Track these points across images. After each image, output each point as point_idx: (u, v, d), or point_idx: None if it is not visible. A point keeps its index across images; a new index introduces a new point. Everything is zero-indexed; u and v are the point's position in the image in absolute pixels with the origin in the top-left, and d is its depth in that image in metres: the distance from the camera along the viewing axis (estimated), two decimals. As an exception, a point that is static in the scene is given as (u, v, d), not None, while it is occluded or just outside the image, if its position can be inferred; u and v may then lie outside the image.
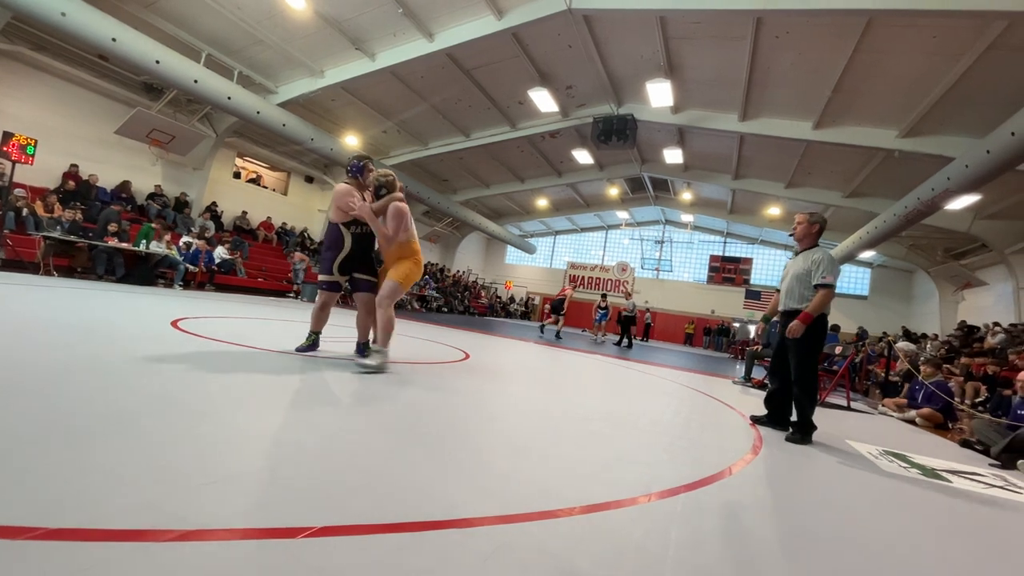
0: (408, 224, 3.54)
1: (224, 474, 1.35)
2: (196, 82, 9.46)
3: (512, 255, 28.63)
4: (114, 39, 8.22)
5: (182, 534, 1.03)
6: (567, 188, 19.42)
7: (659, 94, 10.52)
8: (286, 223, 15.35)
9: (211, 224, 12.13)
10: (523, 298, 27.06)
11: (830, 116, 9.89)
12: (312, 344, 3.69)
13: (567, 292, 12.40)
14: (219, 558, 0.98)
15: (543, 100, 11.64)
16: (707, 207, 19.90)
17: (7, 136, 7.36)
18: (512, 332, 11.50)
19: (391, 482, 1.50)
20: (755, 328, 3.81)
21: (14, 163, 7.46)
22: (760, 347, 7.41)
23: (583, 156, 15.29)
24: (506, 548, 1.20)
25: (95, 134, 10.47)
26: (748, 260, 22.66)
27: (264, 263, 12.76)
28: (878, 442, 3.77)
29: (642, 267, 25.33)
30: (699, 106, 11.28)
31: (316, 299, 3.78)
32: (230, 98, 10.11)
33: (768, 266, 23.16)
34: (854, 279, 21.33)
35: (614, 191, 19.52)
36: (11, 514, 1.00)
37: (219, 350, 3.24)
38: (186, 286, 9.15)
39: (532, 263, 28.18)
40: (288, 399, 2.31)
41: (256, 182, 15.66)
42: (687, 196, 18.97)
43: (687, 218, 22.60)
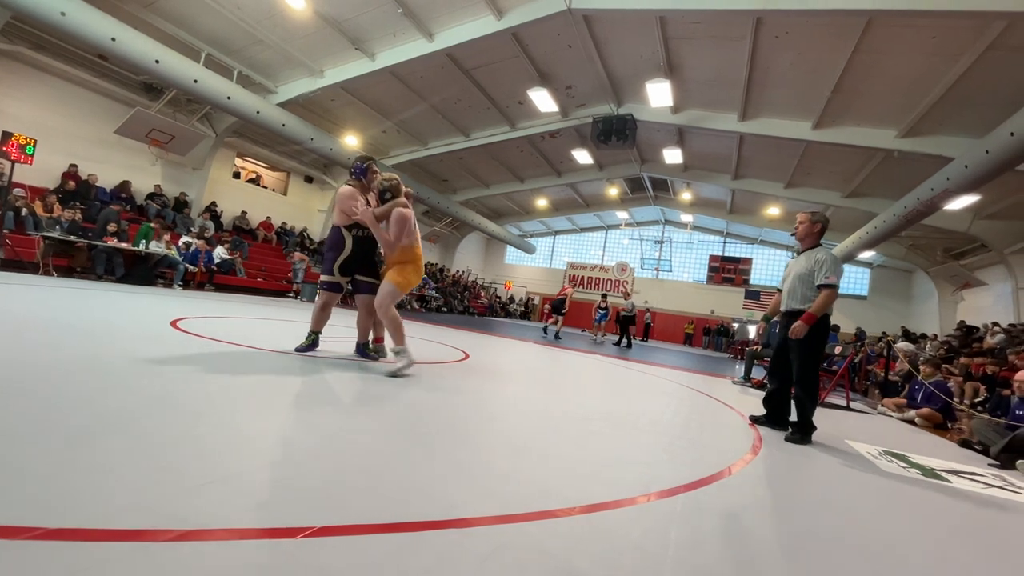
0: (411, 229, 3.50)
1: (223, 474, 1.35)
2: (196, 82, 9.47)
3: (512, 255, 28.63)
4: (113, 39, 8.22)
5: (181, 534, 1.03)
6: (567, 188, 19.43)
7: (659, 94, 10.53)
8: (286, 223, 15.35)
9: (210, 224, 12.12)
10: (522, 298, 27.07)
11: (829, 116, 9.90)
12: (312, 344, 3.66)
13: (567, 291, 12.39)
14: (218, 558, 0.98)
15: (543, 100, 11.65)
16: (707, 207, 19.91)
17: (6, 136, 7.35)
18: (512, 332, 11.50)
19: (391, 482, 1.50)
20: (756, 328, 3.83)
21: (13, 163, 7.46)
22: (760, 347, 7.42)
23: (583, 156, 15.29)
24: (505, 548, 1.20)
25: (94, 134, 10.47)
26: (748, 260, 22.68)
27: (264, 263, 12.76)
28: (877, 442, 3.78)
29: (642, 267, 25.34)
30: (699, 106, 11.28)
31: (317, 299, 3.75)
32: (230, 98, 10.11)
33: (768, 266, 23.17)
34: (853, 279, 21.34)
35: (614, 191, 19.53)
36: (11, 514, 1.00)
37: (219, 350, 3.24)
38: (185, 286, 9.15)
39: (532, 263, 28.18)
40: (287, 399, 2.31)
41: (256, 182, 15.67)
42: (687, 196, 18.99)
43: (687, 218, 22.62)
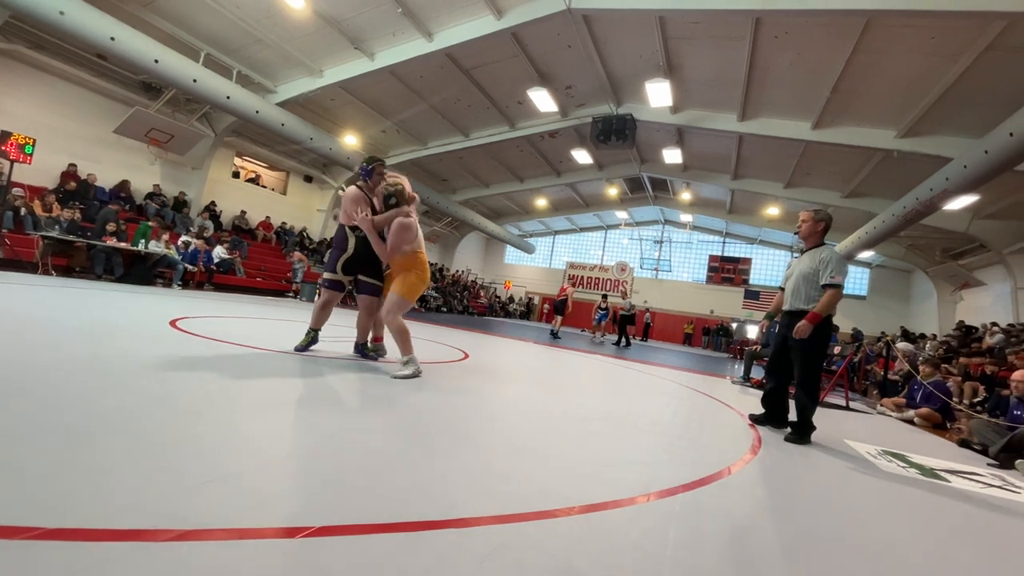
0: (414, 236, 3.44)
1: (223, 474, 1.35)
2: (195, 81, 9.46)
3: (511, 255, 28.63)
4: (113, 38, 8.22)
5: (181, 534, 1.03)
6: (566, 188, 19.44)
7: (658, 94, 10.53)
8: (285, 222, 15.34)
9: (210, 224, 12.11)
10: (522, 298, 27.07)
11: (829, 116, 9.91)
12: (311, 341, 3.66)
13: (568, 291, 12.42)
14: (218, 558, 0.98)
15: (542, 100, 11.64)
16: (706, 207, 19.92)
17: (5, 135, 7.35)
18: (511, 332, 11.50)
19: (390, 482, 1.50)
20: (758, 327, 3.83)
21: (12, 162, 7.45)
22: (759, 347, 7.42)
23: (582, 156, 15.29)
24: (504, 548, 1.20)
25: (94, 133, 10.45)
26: (747, 260, 22.69)
27: (263, 263, 12.75)
28: (877, 442, 3.78)
29: (641, 267, 25.34)
30: (698, 106, 11.29)
31: (318, 297, 3.73)
32: (229, 97, 10.10)
33: (767, 266, 23.19)
34: (853, 279, 21.36)
35: (613, 191, 19.53)
36: (10, 514, 1.00)
37: (218, 350, 3.23)
38: (185, 286, 9.14)
39: (531, 263, 28.19)
40: (287, 399, 2.31)
41: (255, 181, 15.66)
42: (686, 196, 18.99)
43: (686, 218, 22.63)
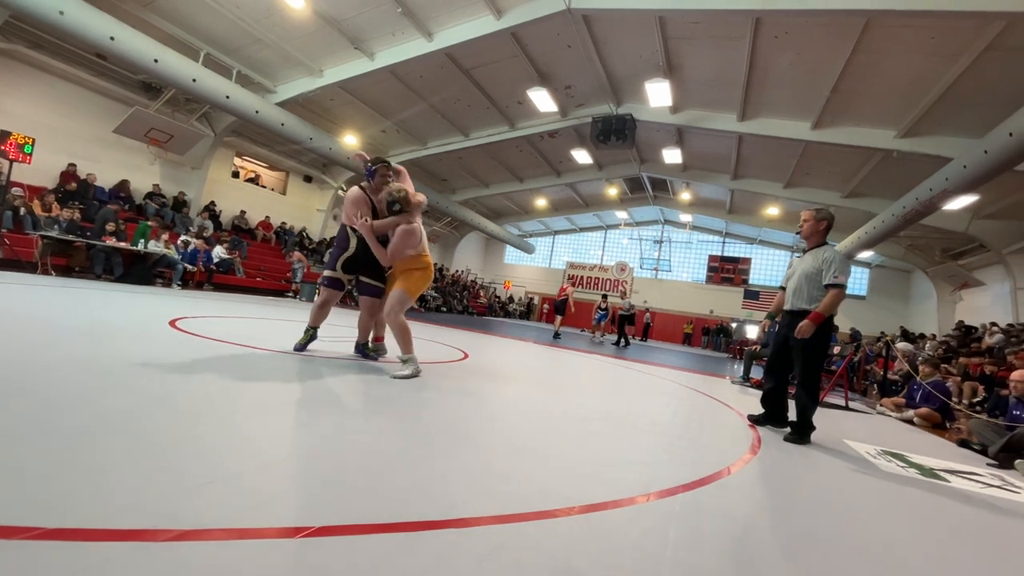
0: (418, 241, 3.44)
1: (223, 474, 1.35)
2: (194, 81, 9.45)
3: (511, 255, 28.63)
4: (112, 38, 8.21)
5: (180, 534, 1.03)
6: (566, 188, 19.43)
7: (658, 94, 10.53)
8: (285, 222, 15.34)
9: (209, 223, 12.11)
10: (521, 298, 27.06)
11: (828, 116, 9.91)
12: (310, 339, 3.65)
13: (568, 291, 12.44)
14: (218, 558, 0.98)
15: (542, 100, 11.64)
16: (706, 207, 19.92)
17: (4, 135, 7.34)
18: (511, 332, 11.50)
19: (390, 482, 1.50)
20: (760, 326, 3.84)
21: (12, 162, 7.45)
22: (759, 347, 7.42)
23: (582, 156, 15.29)
24: (503, 548, 1.20)
25: (93, 133, 10.44)
26: (747, 260, 22.69)
27: (263, 263, 12.75)
28: (876, 442, 3.78)
29: (641, 267, 25.35)
30: (698, 106, 11.29)
31: (317, 296, 3.70)
32: (228, 97, 10.10)
33: (767, 266, 23.19)
34: (853, 279, 21.33)
35: (613, 191, 19.52)
36: (10, 514, 1.00)
37: (218, 350, 3.23)
38: (184, 286, 9.14)
39: (531, 263, 28.18)
40: (287, 399, 2.31)
41: (255, 181, 15.65)
42: (686, 196, 18.99)
43: (686, 218, 22.63)
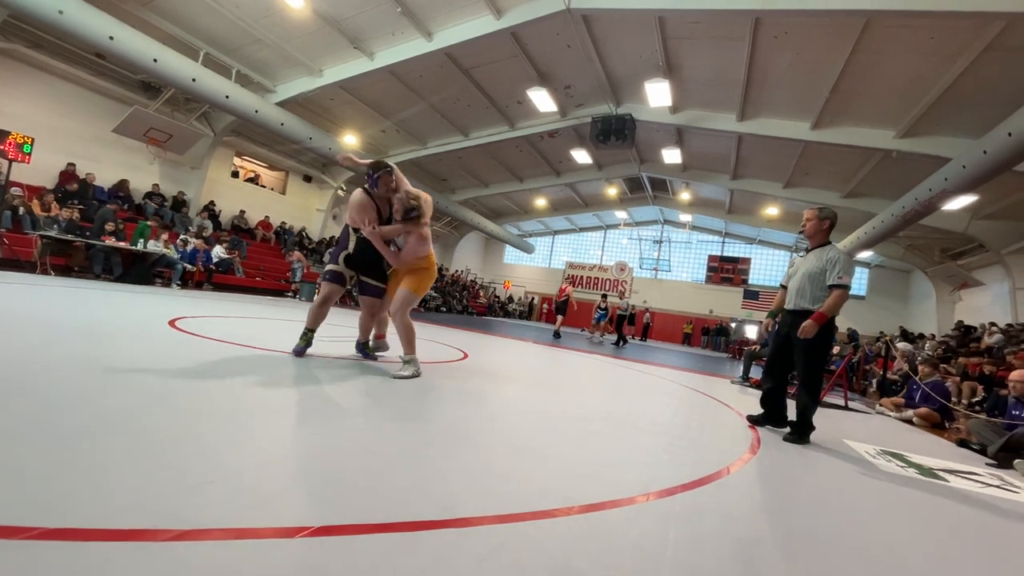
0: (429, 244, 3.51)
1: (223, 473, 1.35)
2: (194, 81, 9.44)
3: (511, 255, 28.62)
4: (111, 37, 8.20)
5: (180, 533, 1.03)
6: (566, 188, 19.43)
7: (658, 94, 10.53)
8: (284, 222, 15.32)
9: (209, 223, 12.10)
10: (521, 298, 27.05)
11: (828, 116, 9.91)
12: (308, 344, 3.49)
13: (568, 291, 12.46)
14: (217, 557, 0.98)
15: (542, 100, 11.64)
16: (705, 207, 19.92)
17: (4, 134, 7.34)
18: (511, 332, 11.50)
19: (390, 481, 1.50)
20: (762, 325, 3.83)
21: (11, 161, 7.44)
22: (758, 347, 7.43)
23: (582, 156, 15.29)
24: (503, 548, 1.20)
25: (92, 132, 10.43)
26: (746, 260, 22.70)
27: (262, 262, 12.74)
28: (875, 442, 3.79)
29: (640, 267, 25.35)
30: (697, 106, 11.29)
31: (318, 292, 3.59)
32: (228, 97, 10.09)
33: (766, 266, 23.20)
34: (852, 279, 21.36)
35: (612, 191, 19.52)
36: (10, 514, 1.00)
37: (217, 350, 3.23)
38: (184, 285, 9.13)
39: (531, 263, 28.18)
40: (287, 399, 2.31)
41: (254, 181, 15.64)
42: (685, 196, 18.99)
43: (685, 218, 22.63)
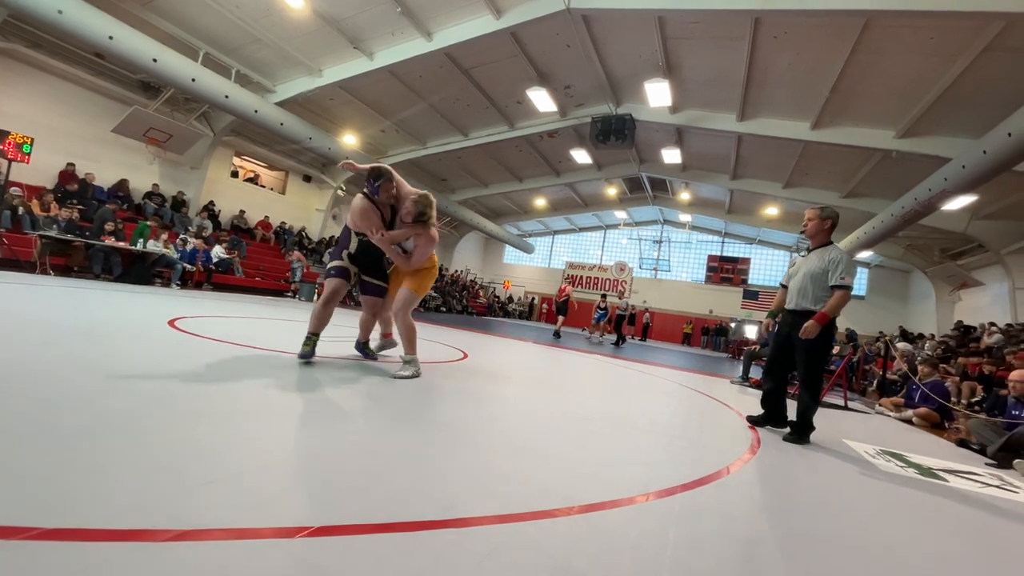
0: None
1: (222, 474, 1.35)
2: (193, 80, 9.44)
3: (510, 254, 28.62)
4: (111, 37, 8.20)
5: (180, 534, 1.02)
6: (565, 188, 19.43)
7: (657, 94, 10.53)
8: (284, 222, 15.32)
9: (208, 223, 12.10)
10: (521, 298, 27.04)
11: (828, 116, 9.91)
12: (313, 348, 3.31)
13: (568, 291, 12.47)
14: (217, 558, 0.98)
15: (541, 100, 11.64)
16: (705, 207, 19.93)
17: (3, 134, 7.35)
18: (511, 332, 11.50)
19: (390, 482, 1.50)
20: (763, 324, 3.81)
21: (10, 161, 7.44)
22: (758, 347, 7.43)
23: (581, 156, 15.29)
24: (503, 548, 1.20)
25: (92, 132, 10.42)
26: (746, 260, 22.71)
27: (262, 262, 12.74)
28: (875, 442, 3.79)
29: (640, 267, 25.35)
30: (697, 106, 11.29)
31: (320, 293, 3.44)
32: (228, 97, 10.08)
33: (766, 266, 23.20)
34: (852, 279, 21.37)
35: (612, 191, 19.53)
36: (10, 514, 1.00)
37: (217, 350, 3.23)
38: (183, 285, 9.13)
39: (530, 263, 28.18)
40: (286, 399, 2.31)
41: (254, 181, 15.64)
42: (685, 196, 19.00)
43: (685, 218, 22.63)
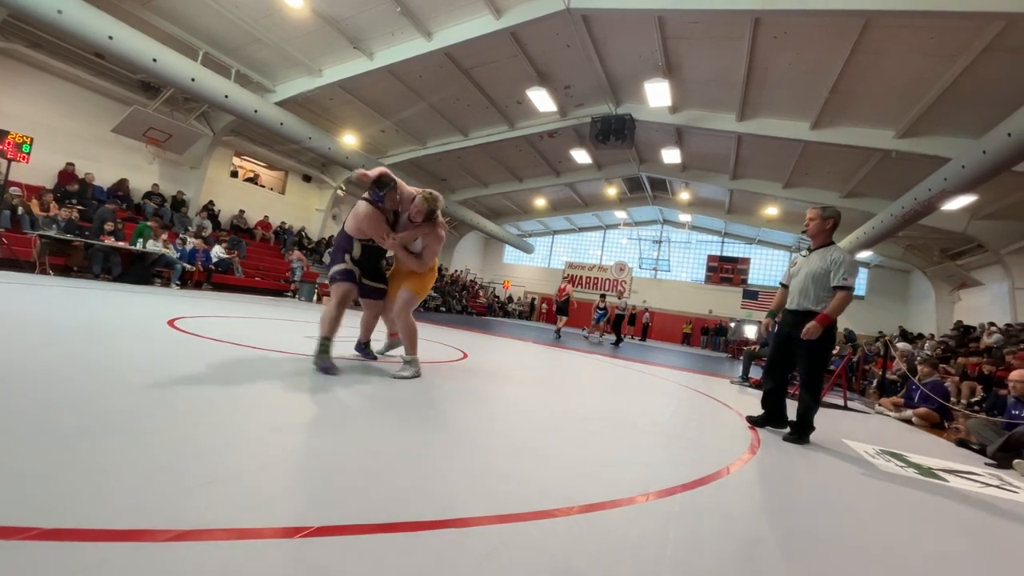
0: None
1: (222, 474, 1.35)
2: (193, 80, 9.43)
3: (510, 254, 28.60)
4: (111, 37, 8.18)
5: (179, 534, 1.02)
6: (565, 188, 19.42)
7: (657, 94, 10.52)
8: (284, 222, 15.31)
9: (208, 223, 12.10)
10: (521, 298, 27.02)
11: (827, 116, 9.91)
12: (330, 356, 3.11)
13: (568, 290, 12.46)
14: (217, 558, 0.98)
15: (541, 100, 11.63)
16: (705, 207, 19.92)
17: (3, 134, 7.34)
18: (511, 332, 11.50)
19: (390, 482, 1.50)
20: (761, 325, 3.82)
21: (9, 161, 7.43)
22: (758, 347, 7.43)
23: (581, 156, 15.29)
24: (503, 548, 1.20)
25: (92, 132, 10.42)
26: (746, 260, 22.70)
27: (261, 262, 12.73)
28: (875, 441, 3.79)
29: (640, 267, 25.34)
30: (697, 106, 11.28)
31: (329, 296, 3.26)
32: (227, 96, 10.07)
33: (766, 266, 23.20)
34: (851, 279, 21.37)
35: (612, 191, 19.52)
36: (9, 514, 1.00)
37: (217, 350, 3.23)
38: (183, 285, 9.12)
39: (530, 263, 28.17)
40: (286, 399, 2.31)
41: (254, 181, 15.63)
42: (685, 196, 18.99)
43: (685, 218, 22.62)
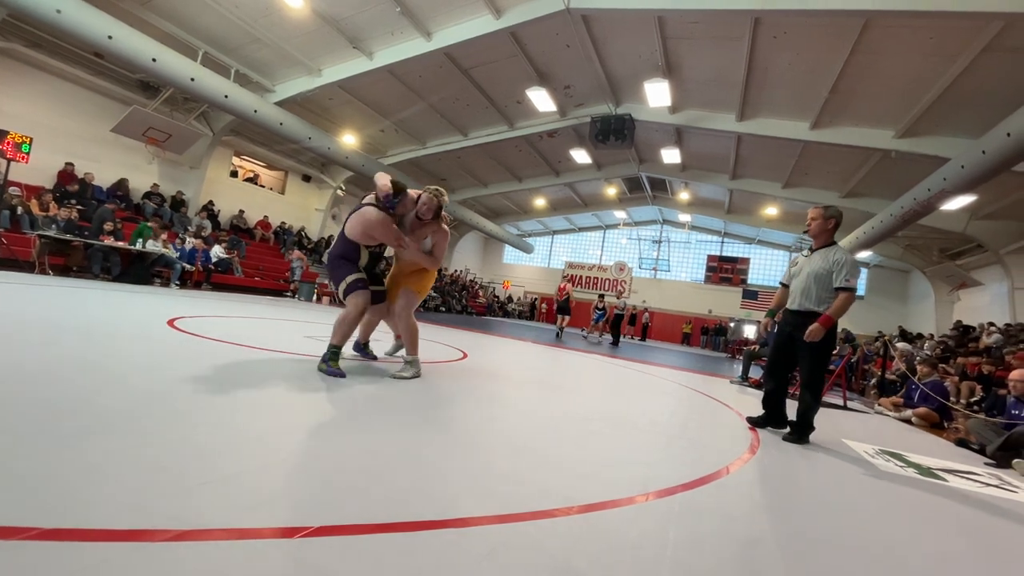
0: None
1: (222, 474, 1.35)
2: (193, 80, 9.42)
3: (510, 254, 28.60)
4: (110, 37, 8.18)
5: (179, 534, 1.02)
6: (565, 188, 19.42)
7: (657, 94, 10.52)
8: (284, 222, 15.31)
9: (208, 223, 12.09)
10: (520, 298, 27.01)
11: (827, 116, 9.91)
12: (337, 358, 3.05)
13: (568, 289, 12.45)
14: (216, 558, 0.98)
15: (541, 100, 11.63)
16: (704, 207, 19.92)
17: (2, 134, 7.33)
18: (510, 332, 11.50)
19: (390, 482, 1.50)
20: (761, 324, 3.82)
21: (9, 161, 7.43)
22: (758, 346, 7.43)
23: (581, 156, 15.28)
24: (502, 548, 1.20)
25: (91, 132, 10.41)
26: (745, 260, 22.71)
27: (261, 262, 12.73)
28: (874, 441, 3.79)
29: (640, 267, 25.34)
30: (697, 106, 11.28)
31: (349, 307, 3.13)
32: (227, 96, 10.07)
33: (765, 266, 23.20)
34: (851, 279, 21.38)
35: (612, 191, 19.52)
36: (9, 514, 1.00)
37: (216, 350, 3.23)
38: (182, 285, 9.12)
39: (530, 263, 28.16)
40: (286, 398, 2.31)
41: (253, 181, 15.62)
42: (685, 196, 18.99)
43: (685, 218, 22.62)
